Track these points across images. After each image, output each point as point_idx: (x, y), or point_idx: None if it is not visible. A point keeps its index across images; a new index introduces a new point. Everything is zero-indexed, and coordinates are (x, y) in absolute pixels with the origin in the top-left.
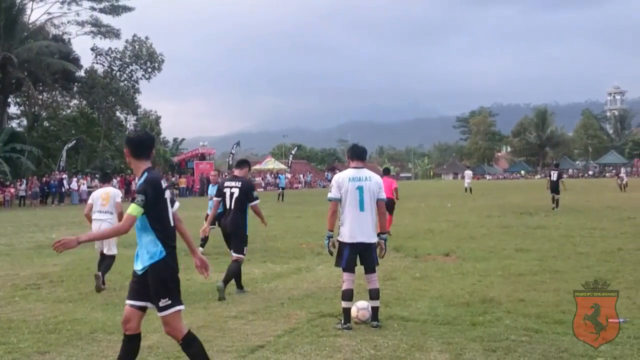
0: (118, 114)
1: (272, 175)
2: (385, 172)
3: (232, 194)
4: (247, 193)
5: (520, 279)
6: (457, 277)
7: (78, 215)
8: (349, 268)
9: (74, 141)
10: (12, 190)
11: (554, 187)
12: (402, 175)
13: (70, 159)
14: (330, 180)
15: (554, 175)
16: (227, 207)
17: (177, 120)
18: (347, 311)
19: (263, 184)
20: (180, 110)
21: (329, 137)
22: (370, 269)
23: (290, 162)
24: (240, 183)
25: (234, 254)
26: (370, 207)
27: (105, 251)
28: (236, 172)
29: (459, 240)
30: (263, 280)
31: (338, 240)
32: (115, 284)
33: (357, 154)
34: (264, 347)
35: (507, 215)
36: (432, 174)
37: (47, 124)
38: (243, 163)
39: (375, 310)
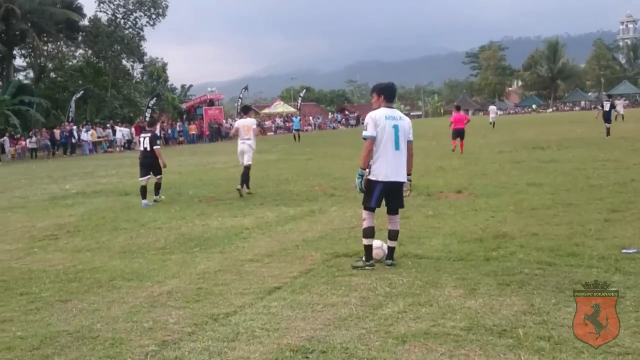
0: (124, 62)
1: (282, 119)
2: (457, 109)
3: None
4: None
5: (533, 213)
6: (470, 213)
7: (89, 165)
8: (376, 207)
9: (82, 91)
10: (23, 142)
11: (607, 117)
12: (412, 113)
13: (79, 110)
14: (339, 122)
15: (607, 106)
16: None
17: (185, 67)
18: (369, 248)
19: (273, 128)
20: (187, 56)
21: (338, 78)
22: (395, 210)
23: (299, 104)
24: None
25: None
26: (404, 146)
27: (245, 162)
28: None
29: (471, 177)
30: (277, 223)
31: (368, 179)
32: (131, 232)
33: (393, 94)
34: (281, 289)
35: (518, 150)
36: (442, 111)
37: (54, 75)
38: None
39: (391, 250)
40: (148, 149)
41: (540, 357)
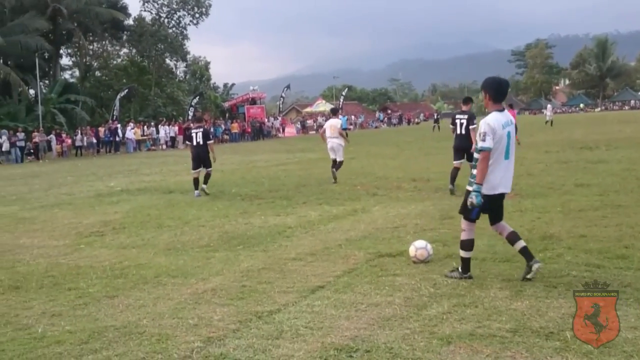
0: (167, 61)
1: (324, 118)
2: (510, 107)
3: None
4: None
5: (580, 214)
6: (516, 214)
7: (133, 163)
8: (477, 219)
9: (126, 90)
10: (69, 140)
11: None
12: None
13: (123, 108)
14: (382, 121)
15: None
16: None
17: (227, 65)
18: (467, 261)
19: (315, 127)
20: (230, 54)
21: (380, 77)
22: (499, 218)
23: (341, 103)
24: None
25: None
26: (513, 154)
27: (338, 159)
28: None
29: (517, 177)
30: (320, 222)
31: (469, 190)
32: (175, 229)
33: (501, 92)
34: (324, 287)
35: (565, 150)
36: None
37: (99, 74)
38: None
39: (524, 248)
40: (201, 143)
41: None
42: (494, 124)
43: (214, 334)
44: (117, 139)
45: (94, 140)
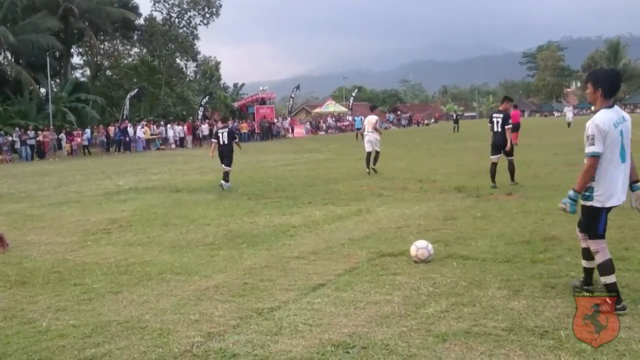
0: (178, 60)
1: (334, 119)
2: (515, 107)
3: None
4: None
5: None
6: (519, 215)
7: (142, 162)
8: (604, 231)
9: (137, 89)
10: (79, 139)
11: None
12: (466, 114)
13: (133, 107)
14: (391, 122)
15: None
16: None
17: (237, 65)
18: (614, 286)
19: (325, 127)
20: (240, 55)
21: (391, 78)
22: None
23: (351, 104)
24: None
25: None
26: (629, 155)
27: (376, 149)
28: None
29: (523, 178)
30: (324, 222)
31: (590, 206)
32: (181, 227)
33: (614, 86)
34: (325, 285)
35: (574, 152)
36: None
37: (110, 73)
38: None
39: (590, 272)
40: (226, 142)
41: (580, 359)
42: (604, 124)
43: (214, 329)
44: (128, 138)
45: (105, 139)
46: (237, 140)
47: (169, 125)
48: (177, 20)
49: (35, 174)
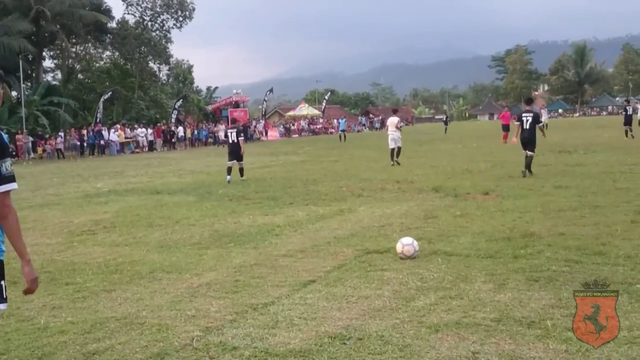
0: (151, 64)
1: (307, 122)
2: (509, 109)
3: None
4: None
5: (560, 214)
6: (498, 214)
7: (118, 165)
8: None
9: (110, 93)
10: (53, 142)
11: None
12: (437, 117)
13: (106, 111)
14: (364, 125)
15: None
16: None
17: (209, 68)
18: None
19: (297, 130)
20: (213, 58)
21: (362, 81)
22: None
23: (323, 107)
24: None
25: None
26: None
27: (398, 145)
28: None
29: (498, 179)
30: (307, 221)
31: None
32: (166, 228)
33: None
34: (316, 282)
35: (545, 153)
36: (467, 115)
37: (82, 77)
38: None
39: None
40: (235, 140)
41: (567, 346)
42: None
43: (212, 324)
44: (102, 141)
45: (78, 143)
46: (242, 138)
47: (138, 128)
48: (150, 23)
49: None
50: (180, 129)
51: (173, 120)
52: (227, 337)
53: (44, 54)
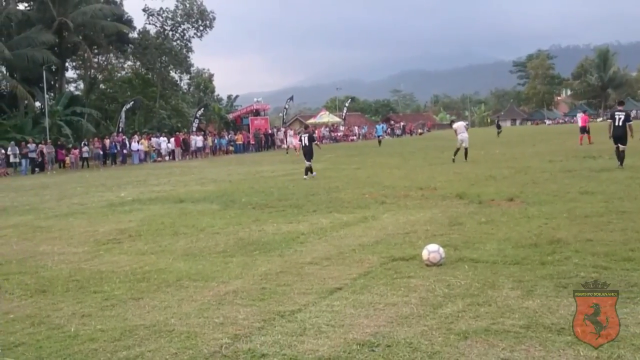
0: (172, 73)
1: (328, 129)
2: (584, 112)
3: None
4: None
5: (586, 220)
6: (523, 220)
7: (141, 174)
8: None
9: (132, 102)
10: (77, 152)
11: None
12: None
13: (127, 120)
14: (385, 131)
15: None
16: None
17: (230, 77)
18: None
19: (318, 138)
20: (234, 66)
21: (382, 88)
22: None
23: (344, 114)
24: None
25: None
26: None
27: (465, 145)
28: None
29: (522, 185)
30: (332, 229)
31: None
32: (191, 236)
33: None
34: (342, 289)
35: (569, 159)
36: (489, 120)
37: (104, 87)
38: None
39: None
40: (307, 144)
41: (599, 353)
42: None
43: (240, 331)
44: (125, 151)
45: (101, 152)
46: (316, 142)
47: (160, 138)
48: (170, 33)
49: (35, 187)
50: (199, 138)
51: (194, 129)
52: (255, 344)
53: (66, 64)
